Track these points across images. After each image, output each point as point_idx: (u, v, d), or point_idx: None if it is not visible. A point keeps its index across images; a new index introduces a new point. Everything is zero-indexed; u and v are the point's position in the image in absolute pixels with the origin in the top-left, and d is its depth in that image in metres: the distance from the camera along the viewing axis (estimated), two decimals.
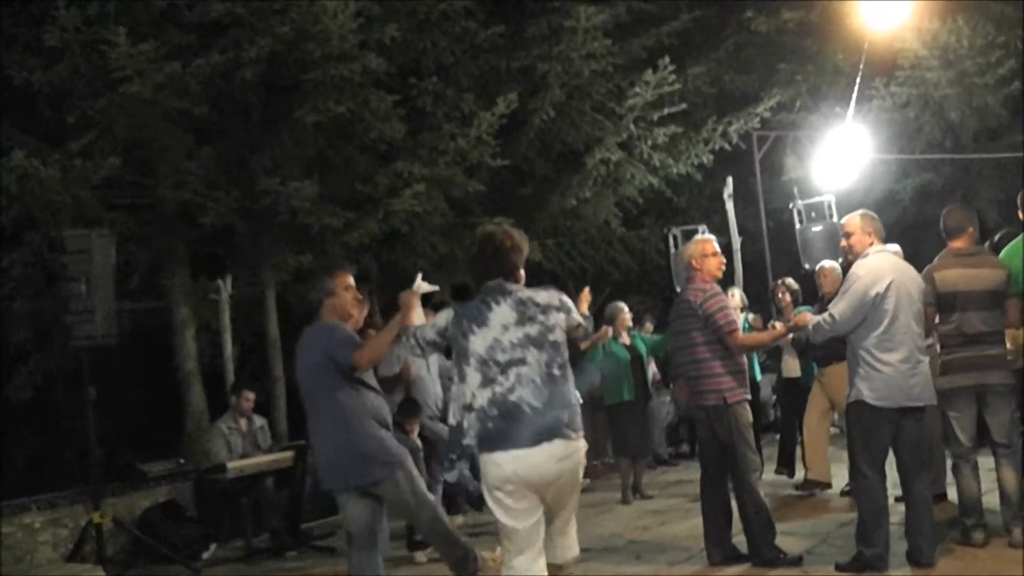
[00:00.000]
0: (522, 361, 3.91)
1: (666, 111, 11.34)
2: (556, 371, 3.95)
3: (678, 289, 8.25)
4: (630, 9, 11.97)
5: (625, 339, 8.80)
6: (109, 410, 9.71)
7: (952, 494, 6.14)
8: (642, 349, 8.91)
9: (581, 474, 4.03)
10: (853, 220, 5.52)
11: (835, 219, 10.20)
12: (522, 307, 3.99)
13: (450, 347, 4.23)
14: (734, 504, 5.87)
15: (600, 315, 8.93)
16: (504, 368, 3.91)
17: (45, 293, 9.81)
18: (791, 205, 11.15)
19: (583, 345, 9.16)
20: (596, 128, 11.67)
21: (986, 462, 5.73)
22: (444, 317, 4.18)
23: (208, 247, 10.76)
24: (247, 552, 7.95)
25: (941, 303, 5.59)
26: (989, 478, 5.77)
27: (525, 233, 4.34)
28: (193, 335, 10.44)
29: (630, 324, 9.08)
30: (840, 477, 7.36)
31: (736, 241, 11.34)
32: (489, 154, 10.26)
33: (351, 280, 4.84)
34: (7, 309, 10.17)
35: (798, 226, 10.91)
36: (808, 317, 5.66)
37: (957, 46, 11.51)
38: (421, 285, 4.65)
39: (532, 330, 3.96)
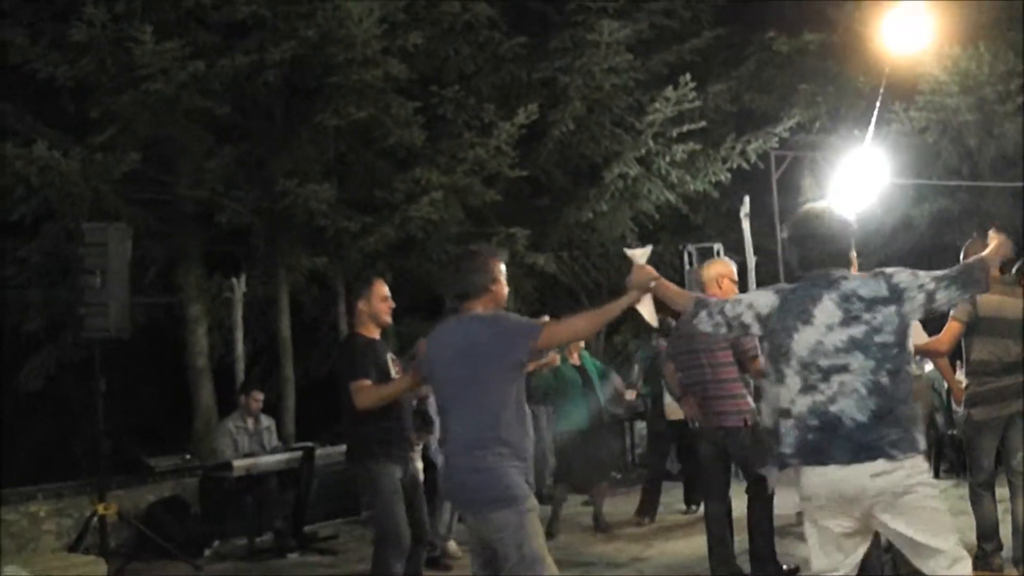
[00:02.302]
0: (845, 368, 3.43)
1: (685, 128, 11.34)
2: (884, 379, 3.41)
3: None
4: (653, 25, 12.02)
5: (575, 359, 8.37)
6: (119, 403, 9.77)
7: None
8: (593, 372, 8.44)
9: (920, 495, 3.38)
10: None
11: None
12: (847, 304, 3.48)
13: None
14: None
15: None
16: (826, 375, 3.46)
17: (61, 284, 9.90)
18: None
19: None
20: (615, 142, 11.70)
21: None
22: (767, 302, 3.64)
23: (224, 246, 10.83)
24: (250, 551, 7.96)
25: (980, 327, 5.52)
26: None
27: (540, 244, 4.01)
28: (205, 332, 10.50)
29: (582, 344, 8.53)
30: None
31: (751, 260, 11.31)
32: (507, 164, 10.31)
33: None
34: (23, 298, 10.25)
35: None
36: None
37: (978, 73, 11.50)
38: (639, 254, 3.94)
39: (857, 331, 3.44)
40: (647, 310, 3.89)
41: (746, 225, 11.43)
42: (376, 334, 5.13)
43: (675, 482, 9.78)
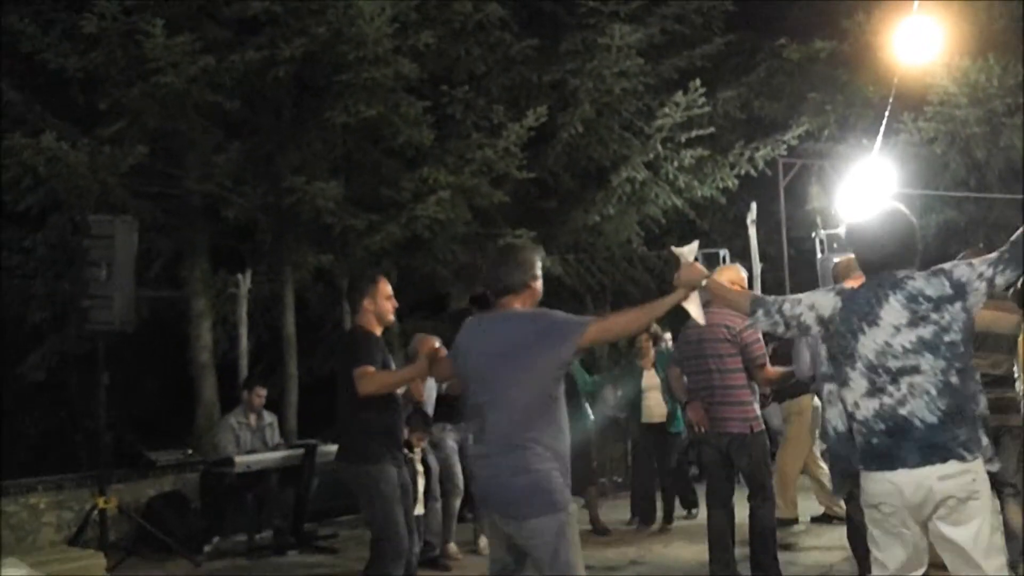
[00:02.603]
0: (915, 369, 3.36)
1: (694, 133, 11.35)
2: (954, 378, 3.36)
3: None
4: (664, 30, 12.01)
5: None
6: (121, 396, 9.77)
7: None
8: (579, 375, 8.34)
9: (983, 501, 3.34)
10: None
11: None
12: (914, 304, 3.42)
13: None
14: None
15: None
16: (895, 377, 3.39)
17: (66, 276, 9.90)
18: (813, 234, 11.12)
19: None
20: (623, 146, 11.69)
21: None
22: (828, 304, 3.56)
23: (230, 241, 10.83)
24: (249, 548, 7.95)
25: (973, 340, 5.55)
26: None
27: (546, 247, 3.89)
28: (209, 327, 10.49)
29: None
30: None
31: (757, 267, 11.31)
32: (515, 166, 10.28)
33: None
34: (27, 288, 10.26)
35: (819, 255, 10.87)
36: None
37: (987, 85, 11.48)
38: (687, 251, 3.82)
39: (926, 332, 3.38)
40: (695, 308, 3.80)
41: (752, 232, 11.43)
42: (378, 332, 5.13)
43: None
